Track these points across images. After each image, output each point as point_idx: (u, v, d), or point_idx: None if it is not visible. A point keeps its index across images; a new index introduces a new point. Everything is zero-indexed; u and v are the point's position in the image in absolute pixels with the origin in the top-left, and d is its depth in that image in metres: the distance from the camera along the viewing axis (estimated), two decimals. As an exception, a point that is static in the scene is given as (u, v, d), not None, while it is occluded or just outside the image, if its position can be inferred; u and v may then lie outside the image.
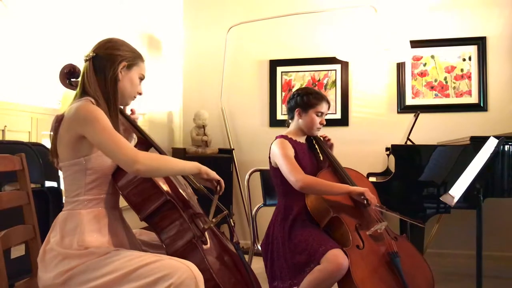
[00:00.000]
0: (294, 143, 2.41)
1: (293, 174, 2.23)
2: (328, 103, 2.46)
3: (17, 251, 2.04)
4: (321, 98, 2.44)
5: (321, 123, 2.44)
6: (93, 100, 1.60)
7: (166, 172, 1.66)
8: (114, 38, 1.73)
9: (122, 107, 1.81)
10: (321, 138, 2.53)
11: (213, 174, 1.81)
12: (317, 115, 2.42)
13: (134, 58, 1.72)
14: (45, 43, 2.77)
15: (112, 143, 1.50)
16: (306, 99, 2.42)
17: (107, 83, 1.65)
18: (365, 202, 2.17)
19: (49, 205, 2.25)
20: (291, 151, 2.33)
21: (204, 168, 1.77)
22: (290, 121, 2.53)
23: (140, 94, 1.78)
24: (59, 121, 1.60)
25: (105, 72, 1.65)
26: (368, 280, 2.02)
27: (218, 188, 1.84)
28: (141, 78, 1.77)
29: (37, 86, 2.71)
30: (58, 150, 1.60)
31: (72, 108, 1.55)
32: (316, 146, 2.51)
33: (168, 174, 1.73)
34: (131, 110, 1.91)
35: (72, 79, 1.77)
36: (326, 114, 2.47)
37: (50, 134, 1.65)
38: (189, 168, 1.73)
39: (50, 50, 2.77)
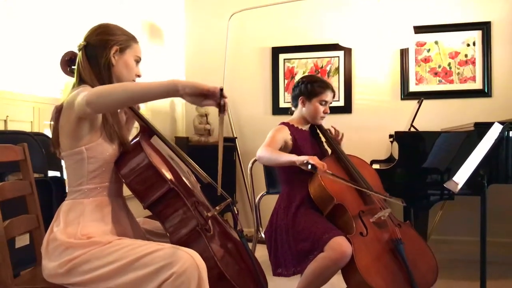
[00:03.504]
0: (295, 130, 2.40)
1: (261, 146, 2.26)
2: (333, 91, 2.44)
3: (22, 241, 2.05)
4: (326, 86, 2.41)
5: (325, 112, 2.42)
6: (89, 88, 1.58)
7: (123, 93, 1.39)
8: (104, 24, 1.71)
9: None
10: (330, 131, 2.50)
11: (204, 85, 1.39)
12: (321, 104, 2.40)
13: (126, 40, 1.69)
14: (46, 32, 2.75)
15: (80, 95, 1.45)
16: (310, 88, 2.40)
17: (101, 70, 1.64)
18: (309, 167, 2.03)
19: (52, 194, 2.26)
20: (282, 136, 2.34)
21: (185, 81, 1.38)
22: (293, 108, 2.51)
23: (139, 76, 1.75)
24: (59, 111, 1.59)
25: (97, 59, 1.64)
26: (372, 267, 2.02)
27: (222, 102, 1.41)
28: (137, 60, 1.74)
29: (38, 75, 2.70)
30: (60, 140, 1.60)
31: (69, 97, 1.55)
32: (320, 134, 2.50)
33: (128, 95, 1.40)
34: None
35: (73, 67, 1.76)
36: (330, 103, 2.44)
37: (50, 124, 1.65)
38: (159, 85, 1.39)
39: (51, 39, 2.76)
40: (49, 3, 2.79)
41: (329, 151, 2.51)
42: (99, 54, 1.64)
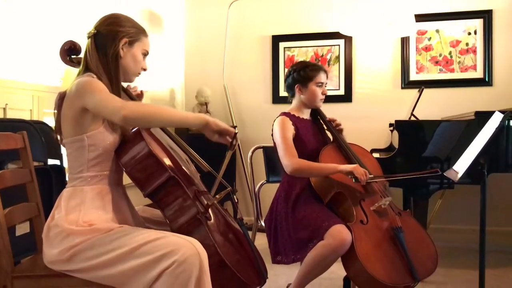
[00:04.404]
0: (296, 120, 2.39)
1: (286, 158, 2.25)
2: (326, 72, 2.44)
3: (22, 229, 2.05)
4: (318, 68, 2.42)
5: (323, 93, 2.42)
6: (95, 76, 1.59)
7: (160, 120, 1.54)
8: (115, 14, 1.70)
9: (127, 84, 1.81)
10: (331, 121, 2.49)
11: (225, 126, 1.63)
12: (318, 86, 2.40)
13: (136, 33, 1.69)
14: (46, 20, 2.73)
15: (103, 99, 1.48)
16: (303, 73, 2.40)
17: (109, 60, 1.63)
18: (353, 180, 2.14)
19: (52, 182, 2.25)
20: (290, 132, 2.33)
21: (212, 120, 1.60)
22: (291, 98, 2.50)
23: (144, 70, 1.75)
24: (62, 98, 1.60)
25: (106, 49, 1.63)
26: (372, 255, 2.03)
27: (234, 142, 1.65)
28: (145, 54, 1.74)
29: (38, 63, 2.69)
30: (62, 127, 1.60)
31: (74, 84, 1.55)
32: (321, 121, 2.49)
33: (164, 123, 1.63)
34: (141, 91, 1.90)
35: (72, 56, 1.75)
36: (326, 84, 2.44)
37: (54, 113, 1.65)
38: (193, 119, 1.59)
39: (51, 27, 2.74)
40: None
41: (331, 138, 2.51)
42: (108, 44, 1.63)
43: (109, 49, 1.63)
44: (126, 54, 1.67)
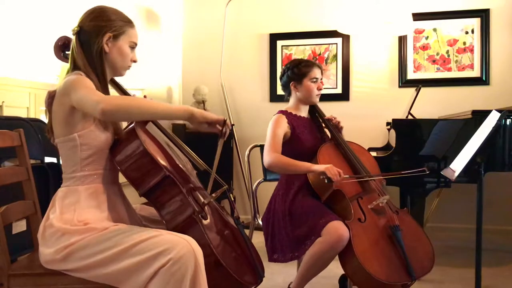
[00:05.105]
0: (293, 118, 2.39)
1: (267, 152, 2.26)
2: (320, 67, 2.45)
3: (19, 227, 2.05)
4: (311, 64, 2.43)
5: (319, 89, 2.42)
6: (83, 74, 1.56)
7: (140, 112, 1.47)
8: (99, 7, 1.65)
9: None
10: (330, 118, 2.48)
11: (212, 116, 1.57)
12: (313, 82, 2.40)
13: (121, 26, 1.63)
14: (42, 17, 2.72)
15: (85, 95, 1.44)
16: (297, 70, 2.41)
17: (93, 57, 1.60)
18: (326, 181, 2.11)
19: (49, 181, 2.25)
20: (282, 129, 2.33)
21: (198, 111, 1.53)
22: (288, 97, 2.51)
23: (134, 61, 1.70)
24: (51, 97, 1.57)
25: (90, 46, 1.59)
26: (369, 253, 2.03)
27: (224, 129, 1.61)
28: (133, 46, 1.68)
29: (35, 61, 2.68)
30: (53, 127, 1.58)
31: (62, 83, 1.53)
32: (319, 118, 2.49)
33: (145, 116, 1.53)
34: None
35: (67, 52, 1.73)
36: (321, 79, 2.44)
37: (45, 111, 1.63)
38: (176, 111, 1.54)
39: (47, 24, 2.73)
40: (44, -13, 2.76)
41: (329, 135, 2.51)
42: (92, 41, 1.59)
43: (92, 45, 1.59)
44: (112, 49, 1.62)
